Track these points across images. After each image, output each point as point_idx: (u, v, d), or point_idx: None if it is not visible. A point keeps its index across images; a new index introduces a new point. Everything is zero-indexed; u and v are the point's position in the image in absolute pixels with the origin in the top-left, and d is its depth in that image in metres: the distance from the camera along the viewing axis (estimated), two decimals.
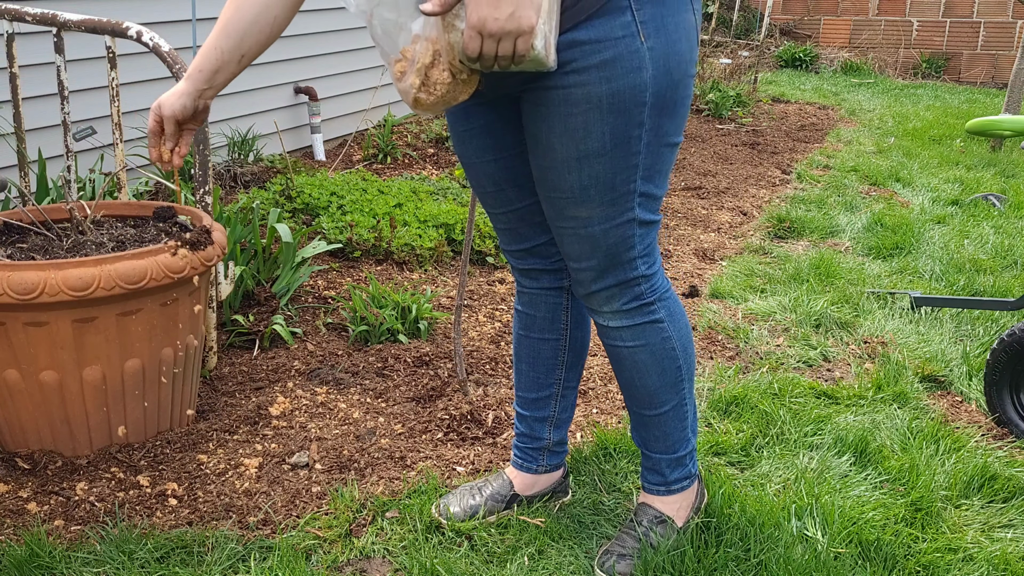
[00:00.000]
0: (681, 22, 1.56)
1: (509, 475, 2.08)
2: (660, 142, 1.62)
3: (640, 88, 1.53)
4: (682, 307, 1.83)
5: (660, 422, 1.86)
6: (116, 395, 2.18)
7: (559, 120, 1.57)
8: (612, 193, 1.62)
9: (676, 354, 1.80)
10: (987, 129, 4.24)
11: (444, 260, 3.69)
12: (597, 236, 1.66)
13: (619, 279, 1.72)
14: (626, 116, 1.55)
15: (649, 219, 1.70)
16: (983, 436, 2.48)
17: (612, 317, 1.77)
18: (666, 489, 1.93)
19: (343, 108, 5.01)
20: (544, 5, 1.40)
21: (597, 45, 1.50)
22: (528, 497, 2.07)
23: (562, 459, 2.09)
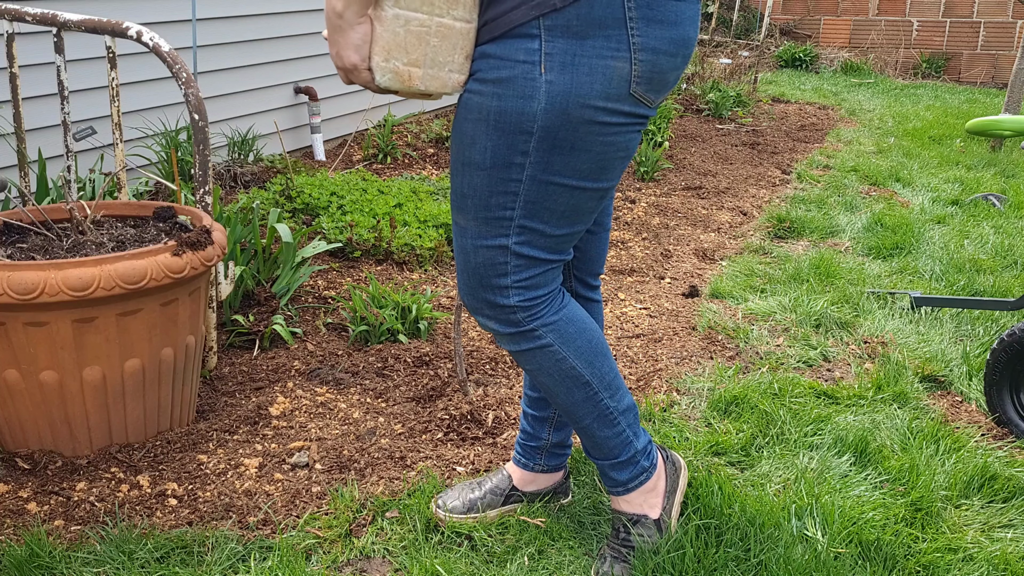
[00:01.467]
0: (599, 67, 1.49)
1: (508, 470, 2.09)
2: (549, 180, 1.56)
3: (527, 116, 1.51)
4: (581, 322, 1.74)
5: (588, 433, 1.83)
6: (116, 395, 2.18)
7: (458, 123, 1.60)
8: (486, 212, 1.60)
9: (578, 372, 1.74)
10: (987, 129, 4.24)
11: (444, 260, 3.69)
12: (468, 250, 1.65)
13: (489, 302, 1.67)
14: (509, 139, 1.53)
15: (532, 255, 1.63)
16: (983, 436, 2.48)
17: (500, 340, 1.73)
18: (624, 489, 1.90)
19: (343, 108, 5.01)
20: (383, 42, 1.47)
21: (499, 61, 1.51)
22: (527, 494, 2.07)
23: (562, 461, 2.09)
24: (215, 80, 4.10)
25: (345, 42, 1.48)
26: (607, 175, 1.61)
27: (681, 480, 2.00)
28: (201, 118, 2.40)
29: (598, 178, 1.60)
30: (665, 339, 3.09)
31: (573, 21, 1.46)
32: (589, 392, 1.76)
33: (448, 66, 1.52)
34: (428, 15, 1.48)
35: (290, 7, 4.49)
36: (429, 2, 1.47)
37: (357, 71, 1.51)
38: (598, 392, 1.77)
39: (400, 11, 1.46)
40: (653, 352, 2.98)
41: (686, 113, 7.21)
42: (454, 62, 1.52)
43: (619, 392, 1.81)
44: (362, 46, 1.48)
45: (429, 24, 1.48)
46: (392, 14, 1.46)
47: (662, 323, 3.22)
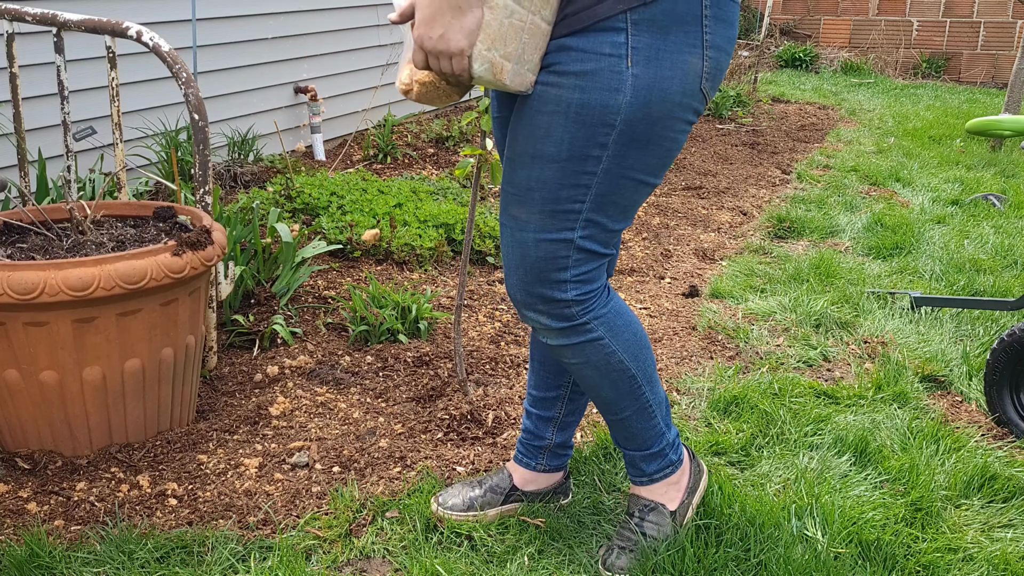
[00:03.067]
0: (680, 62, 1.52)
1: (509, 468, 2.09)
2: (622, 173, 1.58)
3: (612, 109, 1.52)
4: (627, 315, 1.76)
5: (625, 425, 1.86)
6: (116, 395, 2.18)
7: (528, 114, 1.57)
8: (554, 204, 1.59)
9: (625, 366, 1.76)
10: (987, 129, 4.24)
11: (444, 260, 3.69)
12: (528, 244, 1.63)
13: (545, 297, 1.66)
14: (589, 131, 1.53)
15: (593, 249, 1.64)
16: (983, 436, 2.48)
17: (548, 335, 1.72)
18: (648, 479, 1.93)
19: (343, 108, 5.01)
20: (491, 31, 1.46)
21: (582, 54, 1.50)
22: (527, 494, 2.07)
23: (564, 462, 2.09)
24: (215, 80, 4.10)
25: (459, 25, 1.43)
26: (663, 171, 1.64)
27: (702, 483, 2.02)
28: (201, 118, 2.40)
29: (658, 174, 1.63)
30: (665, 339, 3.09)
31: (659, 16, 1.48)
32: (633, 385, 1.79)
33: (528, 65, 1.53)
34: (526, 11, 1.49)
35: (290, 7, 4.49)
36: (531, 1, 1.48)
37: (459, 57, 1.45)
38: (641, 385, 1.80)
39: (510, 3, 1.46)
40: (653, 352, 2.98)
41: None
42: (533, 61, 1.53)
43: (657, 385, 1.84)
44: (473, 31, 1.44)
45: (525, 20, 1.49)
46: (503, 3, 1.45)
47: (662, 323, 3.22)
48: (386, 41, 5.15)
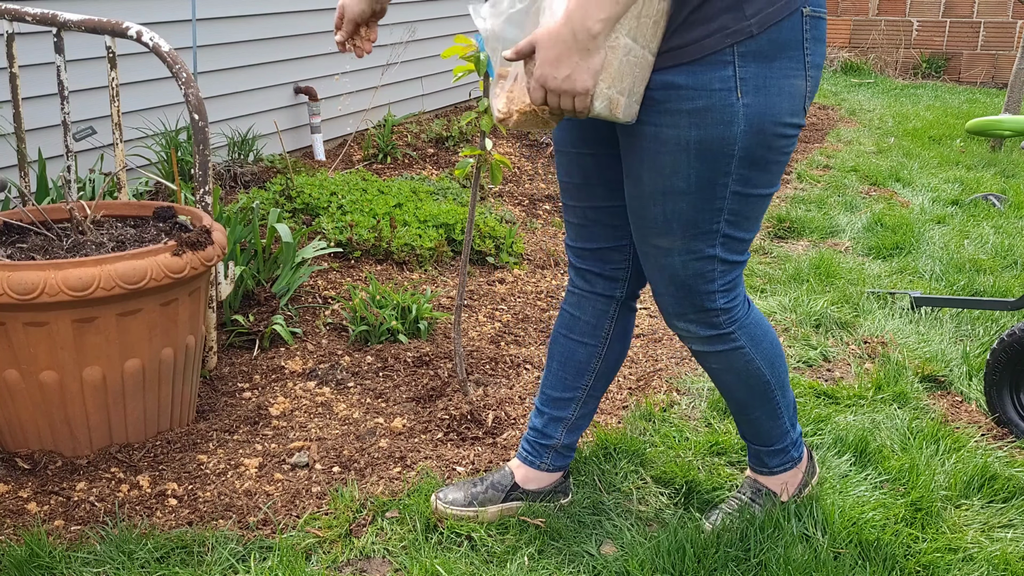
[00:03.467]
0: (786, 86, 1.59)
1: (511, 467, 2.10)
2: (747, 192, 1.67)
3: (728, 141, 1.59)
4: (765, 326, 1.89)
5: (753, 423, 1.98)
6: (116, 395, 2.18)
7: (649, 156, 1.64)
8: (694, 229, 1.68)
9: (761, 372, 1.88)
10: (987, 129, 4.24)
11: (444, 260, 3.69)
12: (676, 267, 1.73)
13: (696, 309, 1.78)
14: (712, 163, 1.61)
15: (732, 259, 1.75)
16: (983, 436, 2.48)
17: (695, 342, 1.85)
18: (768, 471, 2.04)
19: (343, 108, 5.01)
20: (612, 70, 1.50)
21: (691, 92, 1.56)
22: (528, 492, 2.07)
23: (567, 463, 2.09)
24: (215, 80, 4.10)
25: (586, 66, 1.47)
26: (779, 178, 1.73)
27: (813, 480, 2.11)
28: (201, 118, 2.40)
29: (776, 183, 1.72)
30: (665, 339, 3.09)
31: (765, 46, 1.55)
32: (767, 390, 1.91)
33: (635, 96, 1.57)
34: (641, 47, 1.53)
35: (290, 7, 4.48)
36: (642, 34, 1.52)
37: (583, 96, 1.49)
38: (774, 390, 1.92)
39: (628, 40, 1.50)
40: (653, 352, 2.98)
41: None
42: (639, 93, 1.58)
43: (787, 390, 1.97)
44: (598, 72, 1.48)
45: (639, 56, 1.53)
46: (624, 43, 1.50)
47: (662, 323, 3.22)
48: (386, 41, 5.15)
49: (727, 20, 1.53)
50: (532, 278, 3.66)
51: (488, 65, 2.28)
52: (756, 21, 1.53)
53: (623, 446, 2.31)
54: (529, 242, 4.03)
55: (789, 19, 1.56)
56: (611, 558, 1.90)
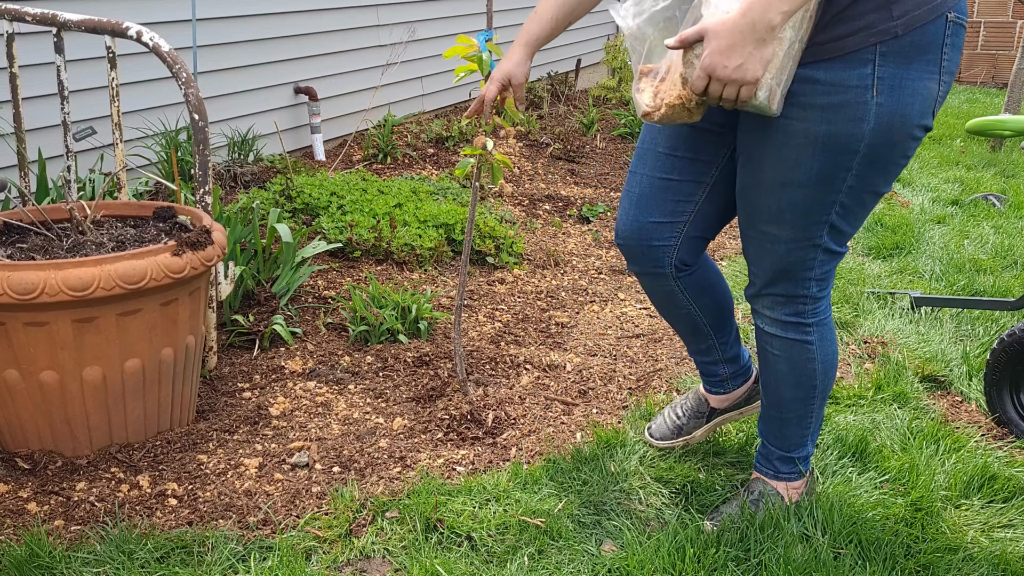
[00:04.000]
0: (920, 88, 1.61)
1: (702, 394, 2.27)
2: (863, 189, 1.71)
3: (856, 137, 1.62)
4: (834, 337, 1.94)
5: (782, 423, 2.01)
6: (116, 395, 2.18)
7: (774, 147, 1.68)
8: (805, 220, 1.74)
9: (815, 375, 1.93)
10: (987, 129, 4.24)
11: (444, 260, 3.69)
12: (781, 252, 1.79)
13: (788, 292, 1.85)
14: (836, 158, 1.65)
15: (834, 249, 1.80)
16: (983, 436, 2.48)
17: (770, 324, 1.90)
18: (774, 474, 2.08)
19: (343, 108, 5.00)
20: (777, 62, 1.54)
21: (829, 87, 1.60)
22: (726, 408, 2.27)
23: (748, 373, 2.23)
24: (215, 80, 4.10)
25: (759, 56, 1.51)
26: (894, 180, 1.78)
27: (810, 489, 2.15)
28: (201, 118, 2.40)
29: (891, 183, 1.76)
30: (665, 339, 3.09)
31: (906, 47, 1.58)
32: (811, 393, 1.96)
33: (784, 87, 1.59)
34: (799, 41, 1.57)
35: (290, 7, 4.48)
36: (798, 27, 1.55)
37: (751, 85, 1.53)
38: (815, 397, 1.97)
39: (792, 34, 1.54)
40: (653, 352, 2.98)
41: None
42: (787, 83, 1.60)
43: (824, 406, 2.02)
44: (768, 62, 1.53)
45: (796, 48, 1.57)
46: (788, 35, 1.54)
47: (662, 323, 3.22)
48: (386, 41, 5.15)
49: (874, 19, 1.55)
50: (532, 278, 3.66)
51: (491, 66, 2.27)
52: (903, 22, 1.56)
53: (623, 446, 2.31)
54: (529, 242, 4.03)
55: (934, 23, 1.58)
56: (611, 558, 1.90)
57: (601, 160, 5.58)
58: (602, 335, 3.12)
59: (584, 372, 2.79)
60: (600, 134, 6.08)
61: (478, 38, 2.27)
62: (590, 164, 5.47)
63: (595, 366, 2.84)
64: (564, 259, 3.88)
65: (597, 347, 3.01)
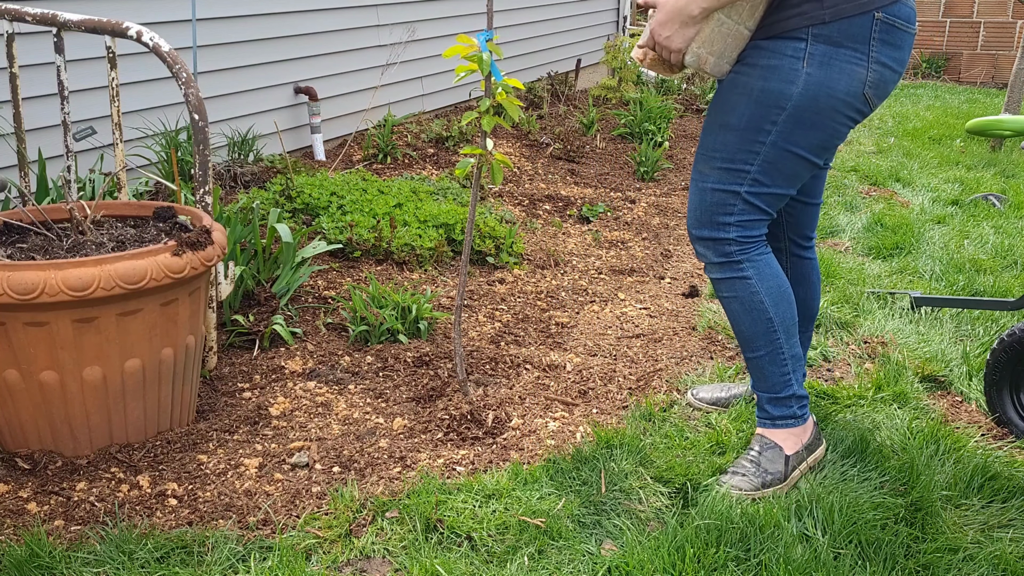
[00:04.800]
0: (847, 69, 1.95)
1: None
2: (786, 147, 2.02)
3: (786, 96, 1.97)
4: (776, 269, 2.17)
5: (758, 364, 2.22)
6: (116, 395, 2.18)
7: (721, 95, 2.07)
8: (729, 164, 2.06)
9: (764, 307, 2.15)
10: (987, 129, 4.24)
11: (444, 260, 3.69)
12: (706, 192, 2.11)
13: (712, 235, 2.12)
14: (764, 110, 1.99)
15: (756, 204, 2.08)
16: (983, 436, 2.48)
17: (711, 269, 2.18)
18: (772, 423, 2.25)
19: (343, 108, 5.00)
20: (704, 36, 1.98)
21: (770, 53, 1.98)
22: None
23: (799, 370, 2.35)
24: (215, 80, 4.10)
25: (683, 33, 1.98)
26: (825, 153, 2.09)
27: (819, 450, 2.30)
28: (201, 118, 2.40)
29: (819, 155, 2.06)
30: (665, 339, 3.09)
31: (834, 33, 1.94)
32: (769, 328, 2.17)
33: (727, 59, 2.02)
34: (733, 22, 1.98)
35: (290, 7, 4.48)
36: (738, 14, 1.97)
37: (676, 53, 2.00)
38: (776, 330, 2.17)
39: (722, 15, 1.97)
40: (653, 352, 2.98)
41: (686, 113, 7.20)
42: (731, 57, 2.03)
43: (793, 339, 2.21)
44: (690, 38, 1.98)
45: (732, 29, 1.98)
46: (717, 18, 1.97)
47: (662, 323, 3.22)
48: (386, 41, 5.15)
49: (808, 8, 1.93)
50: (532, 278, 3.66)
51: (492, 65, 2.28)
52: (830, 12, 1.92)
53: (623, 445, 2.31)
54: (529, 242, 4.03)
55: (860, 17, 1.93)
56: (611, 558, 1.90)
57: (601, 160, 5.58)
58: (602, 335, 3.12)
59: (584, 372, 2.79)
60: (600, 134, 6.08)
61: (478, 38, 2.27)
62: (590, 164, 5.47)
63: (595, 366, 2.84)
64: (564, 259, 3.88)
65: (597, 347, 3.01)
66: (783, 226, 2.35)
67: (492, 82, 2.33)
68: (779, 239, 2.36)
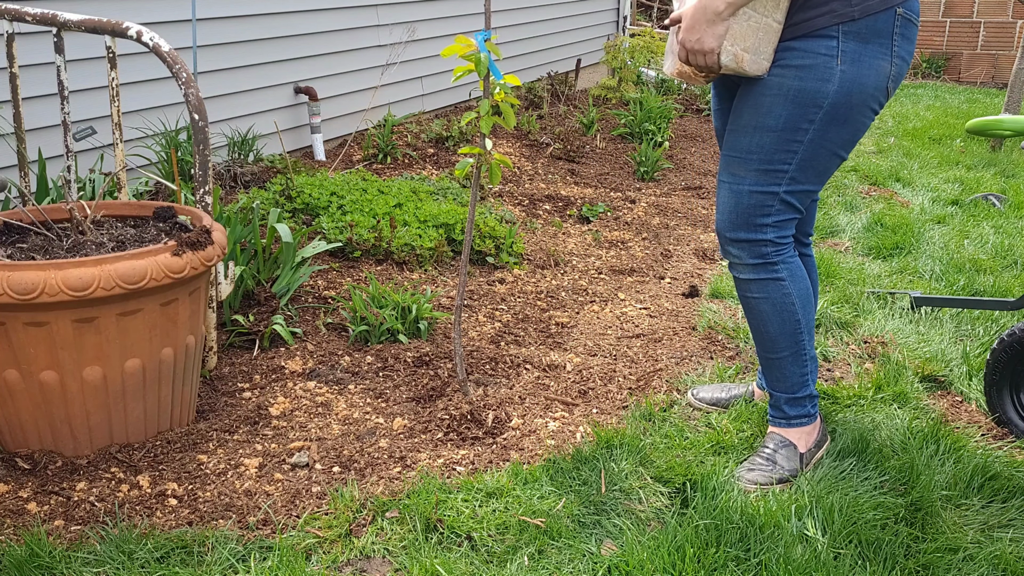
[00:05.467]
0: (875, 65, 2.00)
1: (754, 388, 2.57)
2: (822, 144, 2.05)
3: (822, 94, 2.00)
4: (802, 269, 2.19)
5: (780, 365, 2.24)
6: (116, 395, 2.18)
7: (754, 96, 2.07)
8: (767, 165, 2.07)
9: (795, 308, 2.18)
10: (987, 129, 4.24)
11: (444, 260, 3.69)
12: (743, 194, 2.11)
13: (749, 237, 2.13)
14: (802, 109, 2.02)
15: (792, 203, 2.11)
16: (983, 436, 2.48)
17: (743, 270, 2.18)
18: (787, 423, 2.28)
19: (343, 108, 5.00)
20: (733, 32, 1.99)
21: (803, 53, 2.00)
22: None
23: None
24: (215, 80, 4.10)
25: (712, 32, 1.98)
26: (851, 147, 2.11)
27: (826, 443, 2.35)
28: (201, 118, 2.40)
29: (848, 148, 2.10)
30: (665, 339, 3.09)
31: (863, 29, 1.98)
32: (796, 328, 2.20)
33: (763, 55, 2.03)
34: (760, 15, 2.00)
35: (290, 7, 4.48)
36: (763, 6, 1.99)
37: (709, 53, 2.00)
38: (802, 331, 2.21)
39: (749, 11, 1.99)
40: (653, 352, 2.98)
41: (686, 113, 7.20)
42: (767, 52, 2.03)
43: (812, 340, 2.26)
44: (721, 36, 1.99)
45: (760, 22, 2.00)
46: (744, 13, 1.99)
47: (662, 323, 3.22)
48: (386, 41, 5.15)
49: (837, 5, 1.96)
50: (532, 278, 3.66)
51: (491, 65, 2.28)
52: (859, 8, 1.96)
53: (623, 445, 2.31)
54: (529, 242, 4.03)
55: (885, 13, 1.97)
56: (611, 558, 1.90)
57: (601, 160, 5.58)
58: (602, 335, 3.12)
59: (584, 372, 2.79)
60: (600, 134, 6.08)
61: (476, 38, 2.27)
62: (590, 164, 5.47)
63: (595, 366, 2.84)
64: (564, 259, 3.88)
65: (597, 347, 3.01)
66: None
67: (491, 81, 2.33)
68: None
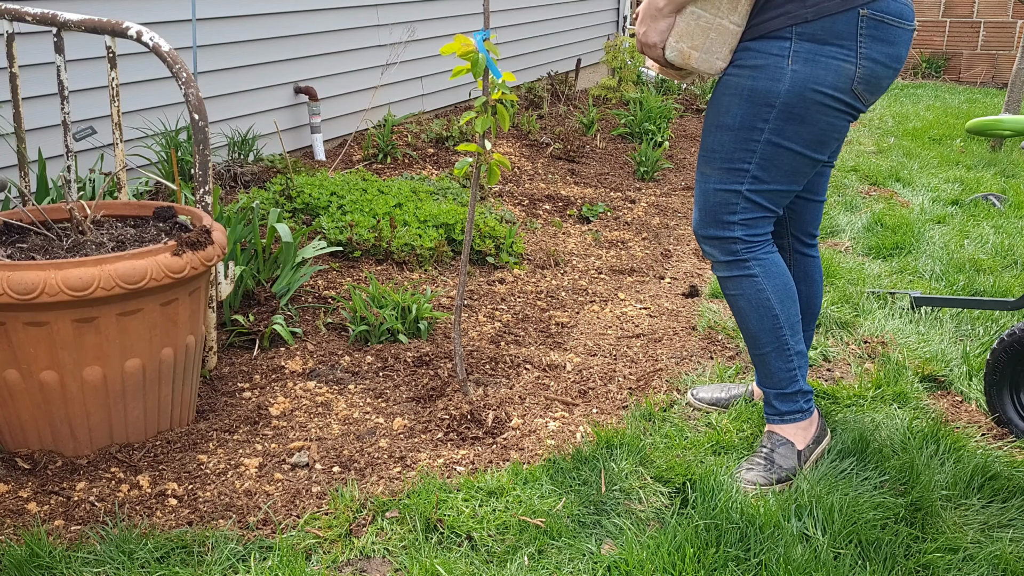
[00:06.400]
0: (833, 65, 2.00)
1: (753, 387, 2.57)
2: (780, 143, 2.07)
3: (773, 93, 2.03)
4: (782, 267, 2.21)
5: (764, 360, 2.26)
6: (116, 395, 2.18)
7: (715, 97, 2.13)
8: (728, 163, 2.11)
9: (771, 304, 2.19)
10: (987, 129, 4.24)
11: (444, 260, 3.69)
12: (709, 192, 2.16)
13: (718, 234, 2.17)
14: (756, 108, 2.05)
15: (758, 201, 2.13)
16: (983, 436, 2.48)
17: (717, 267, 2.23)
18: (780, 419, 2.29)
19: (343, 108, 5.00)
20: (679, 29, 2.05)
21: (756, 53, 2.05)
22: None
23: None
24: (215, 80, 4.10)
25: (655, 27, 2.08)
26: (823, 148, 2.11)
27: (825, 440, 2.35)
28: (201, 118, 2.40)
29: (816, 149, 2.10)
30: (665, 339, 3.09)
31: (818, 31, 1.98)
32: (775, 324, 2.21)
33: (716, 55, 2.07)
34: (711, 15, 2.03)
35: (290, 7, 4.48)
36: (716, 6, 2.02)
37: (654, 47, 2.10)
38: (782, 327, 2.22)
39: (696, 9, 2.03)
40: (653, 352, 2.98)
41: (686, 113, 7.20)
42: (721, 53, 2.07)
43: (797, 336, 2.26)
44: (664, 32, 2.07)
45: (711, 22, 2.03)
46: (690, 10, 2.04)
47: (662, 323, 3.22)
48: (386, 41, 5.15)
49: (791, 7, 1.99)
50: (532, 278, 3.66)
51: (490, 64, 2.28)
52: (813, 11, 1.97)
53: (623, 445, 2.31)
54: (529, 242, 4.03)
55: (844, 14, 1.96)
56: (611, 558, 1.90)
57: (601, 160, 5.58)
58: (602, 335, 3.12)
59: (584, 372, 2.79)
60: (600, 134, 6.08)
61: (475, 37, 2.27)
62: (590, 164, 5.47)
63: (595, 366, 2.84)
64: (564, 259, 3.88)
65: (597, 347, 3.01)
66: (786, 224, 2.37)
67: (490, 80, 2.33)
68: (783, 237, 2.39)
